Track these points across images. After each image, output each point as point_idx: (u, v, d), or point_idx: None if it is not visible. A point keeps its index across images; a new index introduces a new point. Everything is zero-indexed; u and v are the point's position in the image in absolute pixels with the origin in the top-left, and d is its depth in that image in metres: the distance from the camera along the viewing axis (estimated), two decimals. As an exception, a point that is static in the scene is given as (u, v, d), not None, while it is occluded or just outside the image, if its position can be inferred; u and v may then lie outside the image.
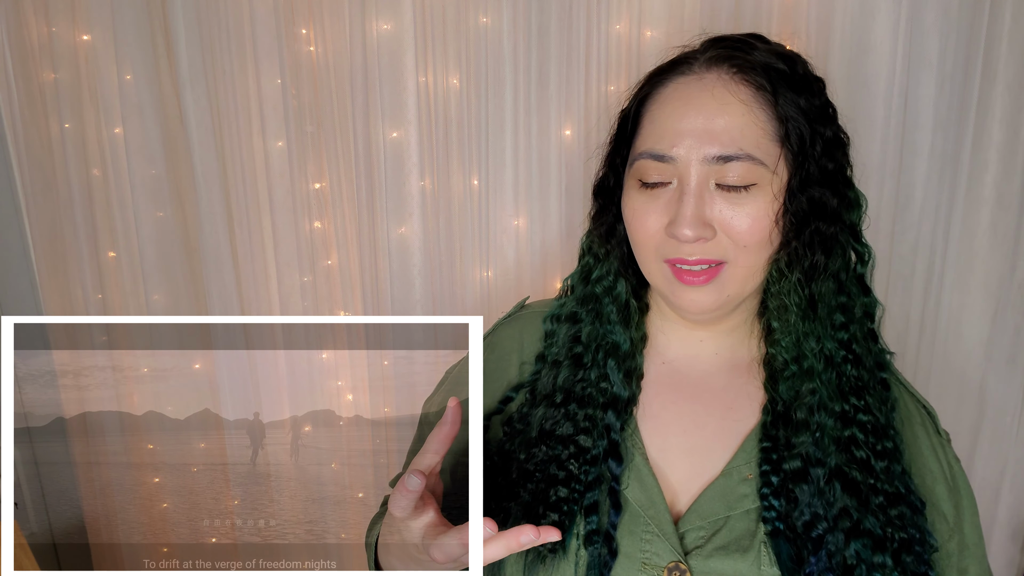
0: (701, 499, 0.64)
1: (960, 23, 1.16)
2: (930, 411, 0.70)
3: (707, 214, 0.60)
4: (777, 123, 0.60)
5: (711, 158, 0.59)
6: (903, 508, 0.62)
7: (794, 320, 0.63)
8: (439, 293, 1.39)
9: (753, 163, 0.59)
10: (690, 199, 0.60)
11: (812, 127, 0.60)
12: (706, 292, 0.62)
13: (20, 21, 1.31)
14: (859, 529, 0.60)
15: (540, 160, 1.30)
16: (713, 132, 0.59)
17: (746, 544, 0.61)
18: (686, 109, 0.61)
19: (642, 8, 1.23)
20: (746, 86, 0.60)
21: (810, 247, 0.61)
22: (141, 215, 1.37)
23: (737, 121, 0.59)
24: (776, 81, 0.60)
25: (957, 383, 1.29)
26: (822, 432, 0.62)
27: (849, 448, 0.62)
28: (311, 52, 1.30)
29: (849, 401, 0.63)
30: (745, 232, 0.60)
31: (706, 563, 0.61)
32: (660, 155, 0.61)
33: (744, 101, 0.60)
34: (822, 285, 0.62)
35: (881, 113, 1.19)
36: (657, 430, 0.67)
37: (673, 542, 0.62)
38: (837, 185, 0.62)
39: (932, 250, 1.25)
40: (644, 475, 0.65)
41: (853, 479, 0.61)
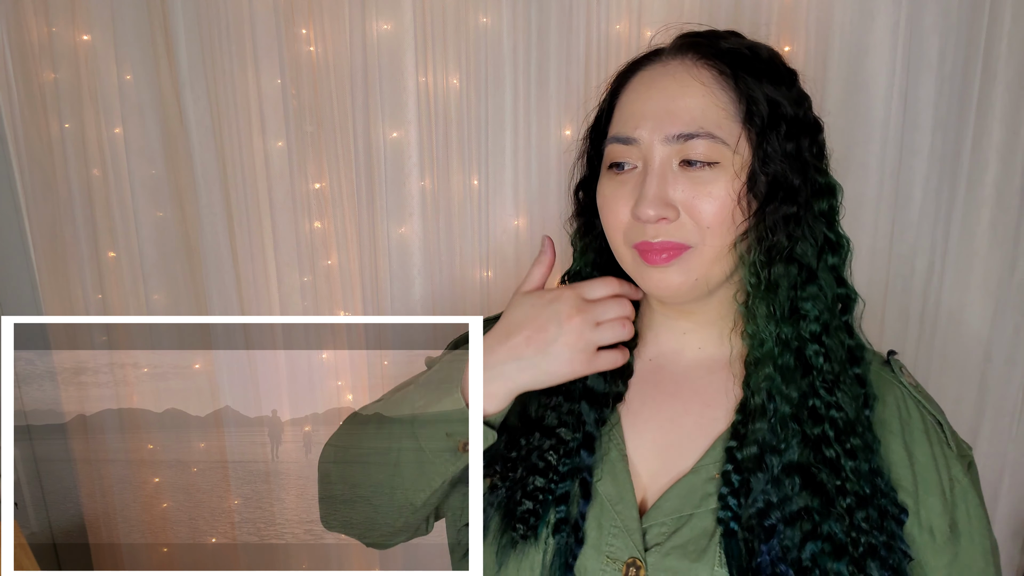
0: (666, 496, 0.64)
1: (960, 23, 1.16)
2: (940, 421, 0.67)
3: (670, 194, 0.61)
4: (738, 104, 0.61)
5: (672, 137, 0.61)
6: (870, 511, 0.60)
7: (752, 303, 0.63)
8: (439, 293, 1.39)
9: (714, 141, 0.60)
10: (653, 179, 0.61)
11: (775, 109, 0.61)
12: (672, 272, 0.62)
13: (20, 21, 1.31)
14: (817, 532, 0.59)
15: (540, 160, 1.30)
16: (674, 112, 0.61)
17: (703, 544, 0.61)
18: (649, 92, 0.63)
19: (642, 8, 1.23)
20: (708, 69, 0.62)
21: (771, 228, 0.61)
22: (141, 215, 1.37)
23: (698, 101, 0.61)
24: (738, 64, 0.62)
25: (956, 382, 1.29)
26: (779, 419, 0.61)
27: (819, 447, 0.61)
28: (311, 52, 1.30)
29: (820, 396, 0.62)
30: (708, 213, 0.60)
31: (662, 561, 0.61)
32: (625, 138, 0.63)
33: (704, 83, 0.61)
34: (781, 268, 0.61)
35: (881, 113, 1.19)
36: (636, 426, 0.68)
37: (635, 538, 0.62)
38: (802, 167, 0.62)
39: (932, 250, 1.25)
40: (618, 470, 0.66)
41: (820, 481, 0.60)
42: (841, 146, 1.22)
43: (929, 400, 0.69)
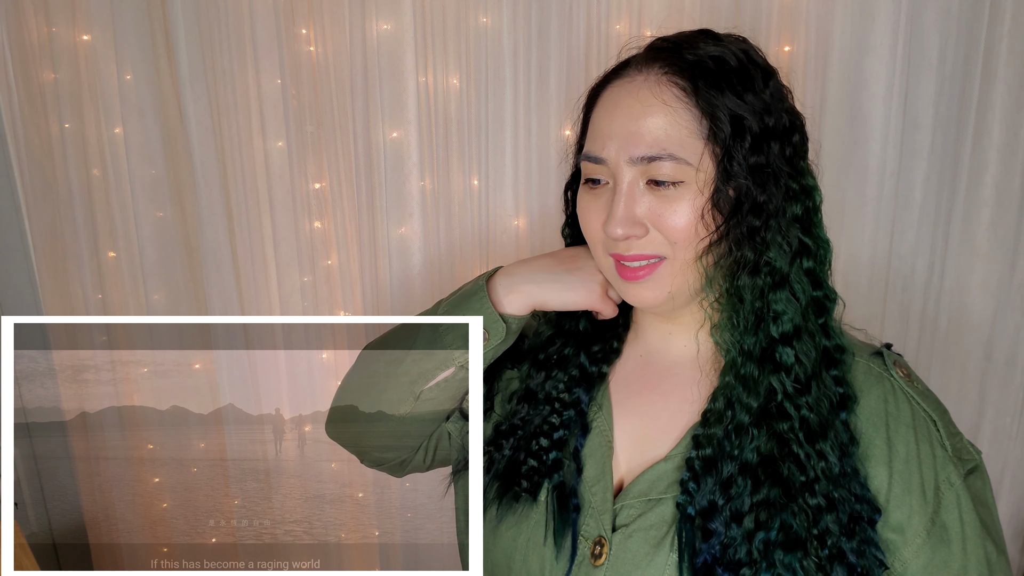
0: (637, 480, 0.67)
1: (960, 23, 1.16)
2: (935, 418, 0.65)
3: (638, 212, 0.63)
4: (700, 121, 0.61)
5: (636, 159, 0.62)
6: (840, 514, 0.60)
7: (720, 315, 0.65)
8: (439, 293, 1.39)
9: (676, 162, 0.61)
10: (620, 198, 0.63)
11: (738, 123, 0.61)
12: (647, 288, 0.65)
13: (20, 21, 1.31)
14: (769, 523, 0.60)
15: (540, 160, 1.30)
16: (637, 134, 0.62)
17: (663, 531, 0.63)
18: (615, 112, 0.65)
19: (642, 8, 1.23)
20: (671, 87, 0.62)
21: (736, 243, 0.62)
22: (141, 215, 1.37)
23: (660, 121, 0.62)
24: (699, 79, 0.62)
25: (957, 383, 1.29)
26: (735, 427, 0.63)
27: (787, 443, 0.62)
28: (311, 52, 1.30)
29: (789, 396, 0.62)
30: (674, 228, 0.62)
31: (626, 541, 0.64)
32: (594, 157, 0.65)
33: (666, 102, 0.62)
34: (746, 279, 0.62)
35: (881, 113, 1.19)
36: (621, 416, 0.72)
37: (604, 519, 0.66)
38: (771, 177, 0.62)
39: (932, 250, 1.25)
40: (600, 454, 0.70)
41: (782, 474, 0.61)
42: (841, 146, 1.22)
43: (925, 397, 0.67)
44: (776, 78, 0.65)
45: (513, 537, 0.69)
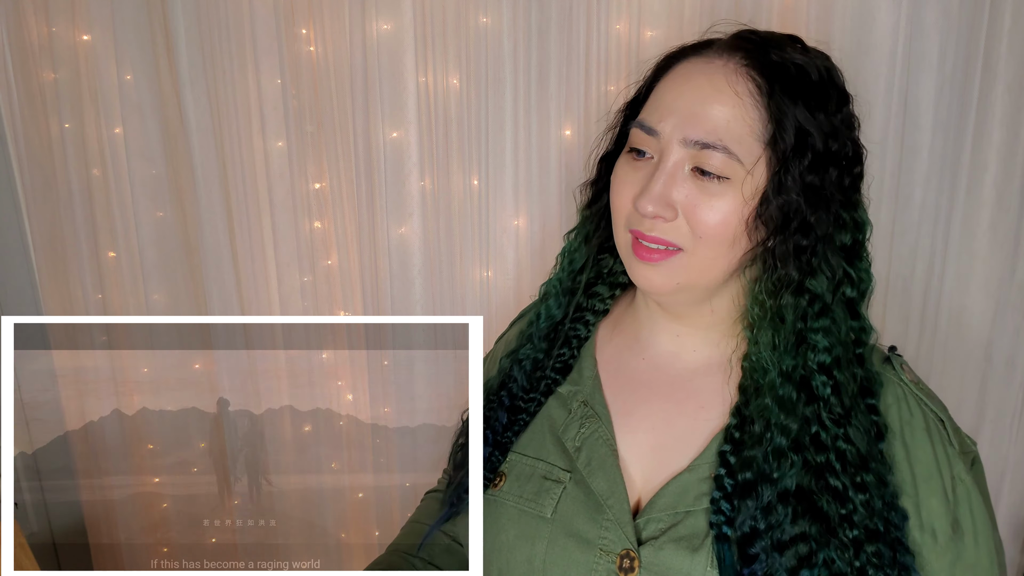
0: (663, 492, 0.65)
1: (960, 23, 1.15)
2: (941, 417, 0.67)
3: (673, 195, 0.61)
4: (766, 124, 0.59)
5: (690, 142, 0.60)
6: (881, 546, 0.60)
7: (757, 331, 0.64)
8: (439, 293, 1.39)
9: (729, 157, 0.59)
10: (661, 176, 0.61)
11: (803, 137, 0.59)
12: (657, 272, 0.63)
13: (20, 21, 1.31)
14: (813, 559, 0.59)
15: (540, 160, 1.30)
16: (698, 117, 0.60)
17: (697, 543, 0.61)
18: (682, 88, 0.62)
19: (642, 8, 1.23)
20: (747, 81, 0.60)
21: (781, 259, 0.60)
22: (141, 215, 1.37)
23: (726, 112, 0.59)
24: (777, 83, 0.60)
25: (957, 384, 1.29)
26: (773, 449, 0.61)
27: (823, 474, 0.61)
28: (311, 52, 1.30)
29: (826, 427, 0.61)
30: (704, 223, 0.60)
31: (657, 555, 0.62)
32: (648, 127, 0.63)
33: (739, 94, 0.60)
34: (790, 298, 0.61)
35: (881, 113, 1.19)
36: (629, 426, 0.69)
37: (627, 531, 0.63)
38: (823, 201, 0.60)
39: (932, 250, 1.25)
40: (609, 467, 0.67)
41: (821, 508, 0.60)
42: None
43: (931, 397, 0.68)
44: (850, 105, 0.63)
45: (528, 559, 0.67)
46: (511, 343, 0.81)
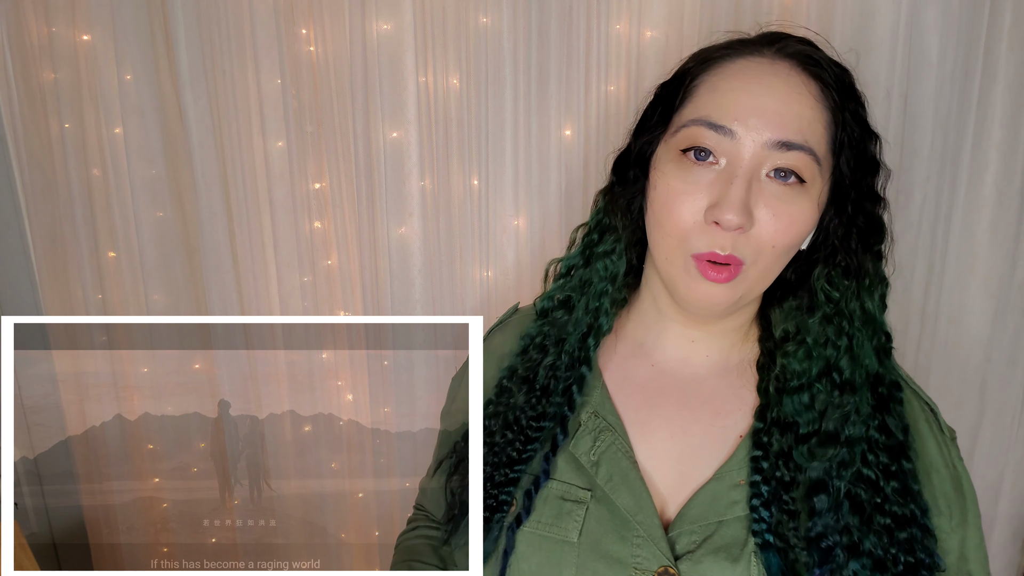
0: (692, 503, 0.63)
1: (960, 23, 1.16)
2: (932, 408, 0.68)
3: (752, 202, 0.56)
4: (831, 127, 0.58)
5: (773, 143, 0.56)
6: (914, 530, 0.60)
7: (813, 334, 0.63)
8: (439, 293, 1.39)
9: (812, 159, 0.57)
10: (741, 182, 0.56)
11: (861, 142, 0.60)
12: (723, 289, 0.59)
13: (20, 21, 1.31)
14: (859, 549, 0.59)
15: (540, 160, 1.30)
16: (785, 116, 0.56)
17: (736, 553, 0.60)
18: (756, 87, 0.57)
19: (642, 8, 1.23)
20: (815, 83, 0.58)
21: (858, 261, 0.62)
22: (141, 215, 1.37)
23: (808, 113, 0.57)
24: (835, 87, 0.59)
25: (957, 383, 1.29)
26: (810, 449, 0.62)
27: (858, 466, 0.61)
28: (311, 52, 1.30)
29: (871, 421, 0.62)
30: (784, 232, 0.57)
31: (696, 568, 0.60)
32: (719, 125, 0.57)
33: (814, 95, 0.58)
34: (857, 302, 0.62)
35: (881, 113, 1.19)
36: (645, 436, 0.66)
37: (662, 547, 0.61)
38: (870, 205, 0.62)
39: (932, 250, 1.25)
40: (632, 480, 0.64)
41: (857, 497, 0.60)
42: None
43: (921, 389, 0.70)
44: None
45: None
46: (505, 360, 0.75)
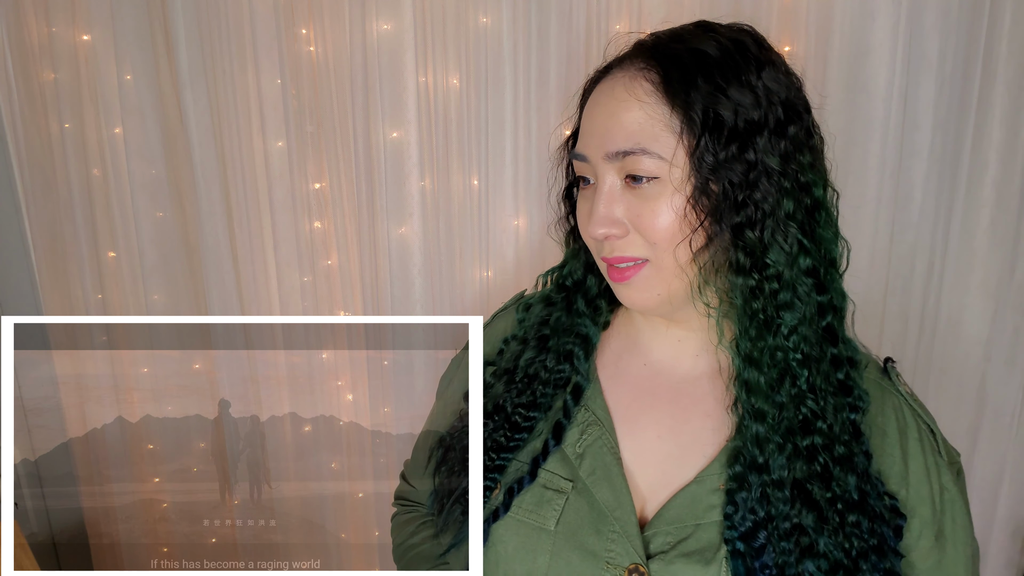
0: (670, 504, 0.63)
1: (960, 23, 1.16)
2: (933, 429, 0.67)
3: (616, 212, 0.62)
4: (672, 115, 0.59)
5: (610, 155, 0.61)
6: (860, 516, 0.60)
7: (717, 320, 0.64)
8: (439, 293, 1.39)
9: (651, 157, 0.59)
10: (600, 198, 0.62)
11: (713, 116, 0.58)
12: (634, 290, 0.63)
13: (20, 21, 1.31)
14: (814, 549, 0.59)
15: (540, 160, 1.30)
16: (611, 129, 0.61)
17: (709, 556, 0.60)
18: (593, 110, 0.64)
19: (642, 8, 1.23)
20: (644, 82, 0.61)
21: (732, 243, 0.59)
22: (141, 215, 1.37)
23: (635, 116, 0.60)
24: (673, 72, 0.59)
25: (956, 383, 1.29)
26: (752, 437, 0.61)
27: (812, 459, 0.61)
28: (311, 52, 1.30)
29: (806, 405, 0.61)
30: (652, 229, 0.60)
31: (667, 568, 0.61)
32: (578, 154, 0.65)
33: (639, 97, 0.60)
34: (740, 281, 0.60)
35: (881, 114, 1.19)
36: (633, 433, 0.68)
37: (635, 544, 0.62)
38: (760, 175, 0.58)
39: (932, 250, 1.25)
40: (614, 476, 0.65)
41: (810, 493, 0.60)
42: (841, 146, 1.22)
43: (923, 408, 0.69)
44: (772, 69, 0.61)
45: (528, 573, 0.65)
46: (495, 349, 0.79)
